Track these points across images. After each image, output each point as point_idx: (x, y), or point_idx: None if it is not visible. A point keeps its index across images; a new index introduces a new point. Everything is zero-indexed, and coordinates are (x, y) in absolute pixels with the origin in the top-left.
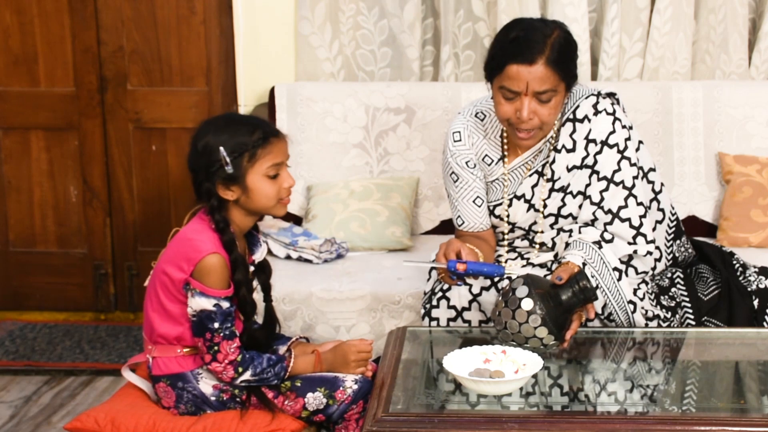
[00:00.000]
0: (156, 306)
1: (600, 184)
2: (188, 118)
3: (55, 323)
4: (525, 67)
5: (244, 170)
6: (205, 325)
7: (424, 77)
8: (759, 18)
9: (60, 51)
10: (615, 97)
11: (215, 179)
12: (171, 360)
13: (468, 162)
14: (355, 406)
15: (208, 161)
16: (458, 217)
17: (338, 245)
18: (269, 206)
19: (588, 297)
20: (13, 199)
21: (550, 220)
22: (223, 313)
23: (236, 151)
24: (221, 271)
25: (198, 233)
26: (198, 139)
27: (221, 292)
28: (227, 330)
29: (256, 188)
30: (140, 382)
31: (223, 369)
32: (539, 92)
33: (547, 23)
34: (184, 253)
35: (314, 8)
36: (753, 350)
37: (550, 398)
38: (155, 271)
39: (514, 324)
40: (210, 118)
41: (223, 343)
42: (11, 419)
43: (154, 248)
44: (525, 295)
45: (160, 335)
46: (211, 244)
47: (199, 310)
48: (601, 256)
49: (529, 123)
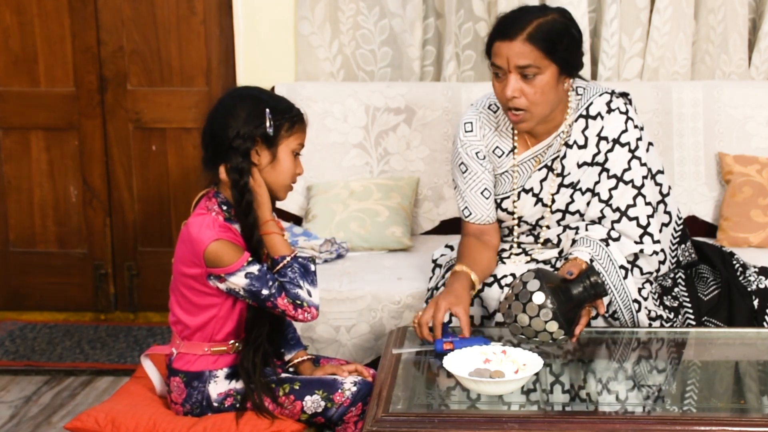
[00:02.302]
0: (182, 301)
1: (609, 182)
2: (188, 118)
3: (55, 323)
4: (506, 43)
5: (280, 138)
6: (259, 299)
7: (425, 77)
8: (759, 18)
9: (60, 51)
10: (628, 97)
11: (255, 137)
12: (195, 358)
13: (478, 153)
14: (354, 408)
15: (250, 115)
16: (465, 209)
17: (338, 245)
18: (284, 184)
19: (598, 292)
20: (13, 199)
21: (558, 215)
22: (258, 278)
23: (279, 118)
24: (228, 248)
25: (196, 226)
26: (237, 100)
27: (239, 262)
28: (273, 288)
29: (282, 160)
30: (153, 372)
31: (299, 314)
32: (521, 67)
33: (547, 9)
34: (191, 250)
35: (314, 8)
36: (753, 350)
37: (551, 397)
38: (174, 270)
39: (525, 317)
40: (240, 87)
41: (278, 300)
42: (11, 419)
43: (154, 248)
44: (536, 289)
45: (193, 327)
46: (209, 231)
47: (240, 288)
48: (608, 253)
49: (515, 102)
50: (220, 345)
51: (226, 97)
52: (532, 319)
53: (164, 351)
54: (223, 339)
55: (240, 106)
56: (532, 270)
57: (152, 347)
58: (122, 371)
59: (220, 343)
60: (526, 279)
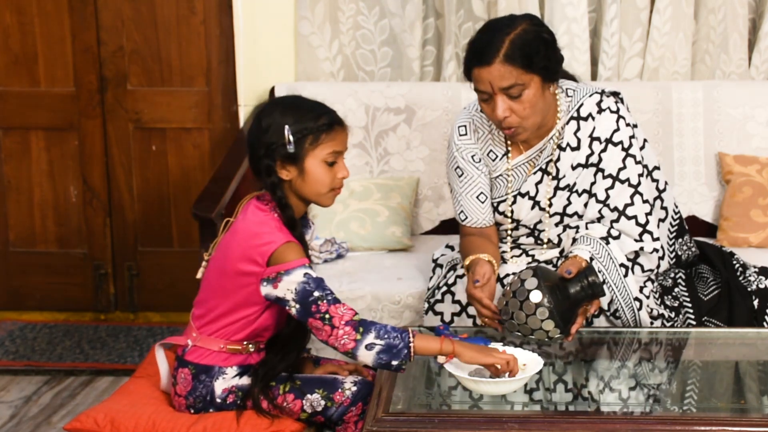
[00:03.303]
0: (219, 294)
1: (605, 182)
2: (188, 118)
3: (55, 323)
4: (485, 69)
5: (305, 152)
6: (307, 300)
7: (425, 77)
8: (759, 18)
9: (60, 51)
10: (619, 96)
11: (275, 156)
12: (209, 353)
13: (474, 156)
14: (354, 408)
15: (271, 138)
16: (461, 212)
17: (338, 245)
18: (321, 193)
19: (596, 293)
20: (13, 199)
21: (556, 218)
22: (315, 280)
23: (300, 133)
24: (295, 249)
25: (263, 225)
26: (264, 115)
27: (302, 260)
28: (329, 296)
29: (313, 172)
30: (163, 363)
31: (344, 334)
32: (505, 88)
33: (514, 19)
34: (256, 248)
35: (314, 8)
36: (753, 350)
37: (551, 397)
38: (216, 264)
39: (521, 315)
40: (279, 97)
41: (331, 308)
42: (11, 419)
43: (154, 248)
44: (534, 287)
45: (224, 323)
46: (281, 234)
47: (293, 288)
48: (609, 251)
49: (507, 121)
50: (235, 344)
51: (261, 110)
52: (529, 317)
53: (180, 341)
54: (240, 339)
55: (265, 122)
56: (531, 267)
57: (168, 337)
58: (122, 371)
59: (236, 342)
60: (524, 277)
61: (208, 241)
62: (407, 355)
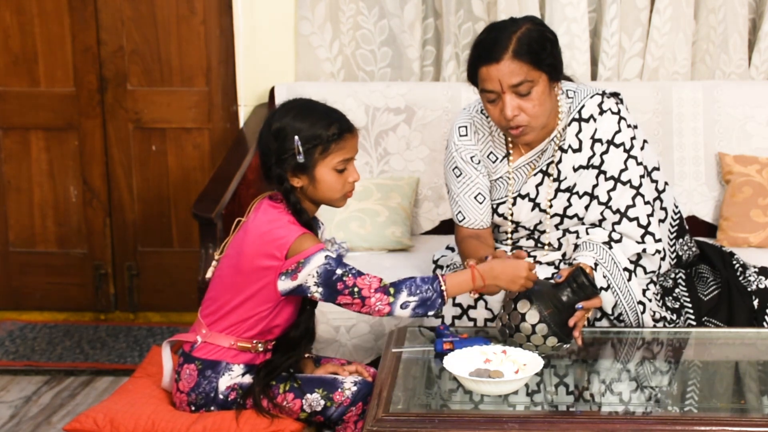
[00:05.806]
0: (232, 290)
1: (607, 184)
2: (188, 118)
3: (55, 323)
4: (494, 66)
5: (314, 162)
6: (331, 280)
7: (425, 77)
8: (759, 18)
9: (60, 51)
10: (619, 97)
11: (286, 165)
12: (218, 349)
13: (473, 157)
14: (354, 408)
15: (281, 147)
16: (458, 213)
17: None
18: (333, 198)
19: (588, 293)
20: (13, 199)
21: (556, 220)
22: (336, 260)
23: (310, 143)
24: (310, 238)
25: (276, 221)
26: (274, 121)
27: (319, 245)
28: (352, 270)
29: (324, 180)
30: (168, 360)
31: (377, 301)
32: (514, 85)
33: (516, 21)
34: (273, 242)
35: (314, 8)
36: (753, 350)
37: (551, 397)
38: (229, 262)
39: (521, 336)
40: (289, 101)
41: (357, 280)
42: (11, 419)
43: (154, 248)
44: (527, 309)
45: (235, 319)
46: (295, 227)
47: (315, 272)
48: (612, 256)
49: (515, 120)
50: (245, 341)
51: (271, 116)
52: (530, 336)
53: (188, 338)
54: (250, 337)
55: (275, 129)
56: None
57: (177, 335)
58: (122, 371)
59: (246, 340)
60: (516, 298)
61: (208, 241)
62: (442, 303)
